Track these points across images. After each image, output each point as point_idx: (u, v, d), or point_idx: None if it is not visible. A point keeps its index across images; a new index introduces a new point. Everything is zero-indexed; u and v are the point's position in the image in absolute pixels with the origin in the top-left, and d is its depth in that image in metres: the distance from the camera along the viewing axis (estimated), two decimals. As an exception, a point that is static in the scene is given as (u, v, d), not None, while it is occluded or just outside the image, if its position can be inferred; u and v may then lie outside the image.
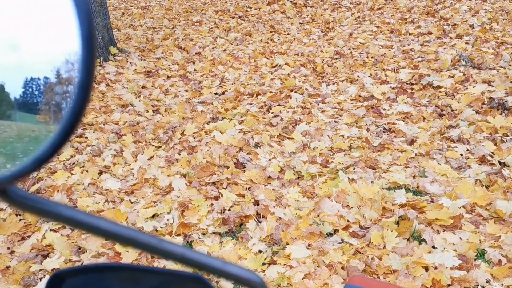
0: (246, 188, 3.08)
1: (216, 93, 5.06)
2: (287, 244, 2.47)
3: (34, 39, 0.35)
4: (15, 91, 0.36)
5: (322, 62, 5.67)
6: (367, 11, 8.02)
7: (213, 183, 3.18)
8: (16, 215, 2.90)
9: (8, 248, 2.60)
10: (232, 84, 5.29)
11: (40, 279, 2.32)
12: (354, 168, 3.15)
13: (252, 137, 3.77)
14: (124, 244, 0.37)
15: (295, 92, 4.69)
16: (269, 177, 3.17)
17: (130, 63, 6.13)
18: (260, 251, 2.45)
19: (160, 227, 2.72)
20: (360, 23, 7.34)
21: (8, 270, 2.39)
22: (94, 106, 4.83)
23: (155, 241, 0.38)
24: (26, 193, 0.34)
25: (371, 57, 5.63)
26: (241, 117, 4.26)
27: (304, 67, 5.53)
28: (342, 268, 2.23)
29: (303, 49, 6.32)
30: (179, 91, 5.19)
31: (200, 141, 3.82)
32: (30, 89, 0.36)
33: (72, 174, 3.46)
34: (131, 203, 3.04)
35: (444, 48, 5.51)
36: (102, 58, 6.00)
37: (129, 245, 0.37)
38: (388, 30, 6.73)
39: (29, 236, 2.72)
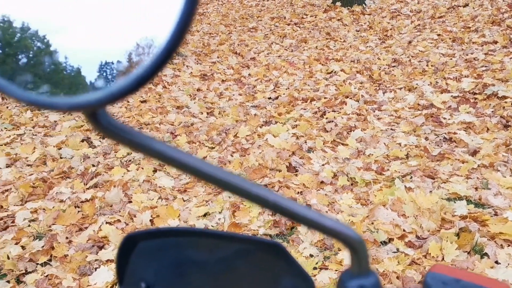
0: (298, 192, 3.04)
1: (269, 98, 5.06)
2: (339, 249, 2.40)
3: (111, 24, 0.35)
4: (90, 75, 0.36)
5: (379, 69, 5.55)
6: (427, 19, 7.79)
7: (265, 185, 3.16)
8: (75, 206, 3.01)
9: (67, 237, 2.70)
10: (286, 89, 5.27)
11: (95, 269, 2.38)
12: (411, 177, 3.04)
13: (305, 142, 3.72)
14: (214, 184, 0.35)
15: (350, 98, 4.60)
16: (322, 182, 3.11)
17: (187, 66, 6.26)
18: (311, 255, 2.40)
19: (212, 225, 2.73)
20: (420, 31, 7.13)
21: (65, 259, 2.48)
22: (151, 106, 4.96)
23: (247, 184, 0.36)
24: (116, 121, 0.33)
25: (431, 66, 5.45)
26: (295, 121, 4.23)
27: (360, 74, 5.43)
28: (397, 278, 2.14)
29: (359, 56, 6.21)
30: (233, 95, 5.23)
31: (252, 144, 3.82)
32: (104, 73, 0.36)
33: (128, 170, 3.55)
34: (184, 201, 3.07)
35: (511, 58, 5.24)
36: (160, 61, 6.16)
37: (219, 186, 0.35)
38: (450, 38, 6.50)
39: (86, 228, 2.81)
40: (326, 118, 4.18)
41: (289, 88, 5.27)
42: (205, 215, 2.87)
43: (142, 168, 3.50)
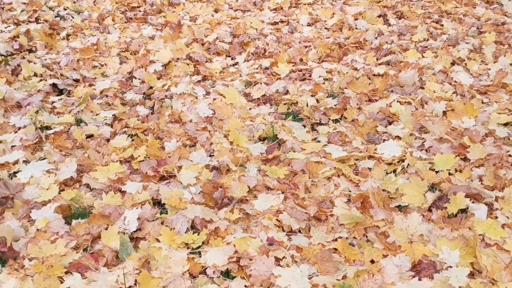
0: None
1: None
2: None
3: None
4: None
5: None
6: None
7: None
8: (368, 77, 3.01)
9: (357, 104, 2.75)
10: None
11: (384, 140, 2.38)
12: None
13: None
14: None
15: None
16: None
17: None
18: None
19: (514, 137, 2.40)
20: None
21: (356, 122, 2.54)
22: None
23: None
24: None
25: None
26: None
27: None
28: None
29: None
30: (562, 0, 4.28)
31: None
32: None
33: (424, 57, 3.35)
34: (482, 103, 2.77)
35: None
36: None
37: None
38: None
39: (376, 100, 2.82)
40: None
41: None
42: (506, 124, 2.53)
43: (440, 57, 3.24)
